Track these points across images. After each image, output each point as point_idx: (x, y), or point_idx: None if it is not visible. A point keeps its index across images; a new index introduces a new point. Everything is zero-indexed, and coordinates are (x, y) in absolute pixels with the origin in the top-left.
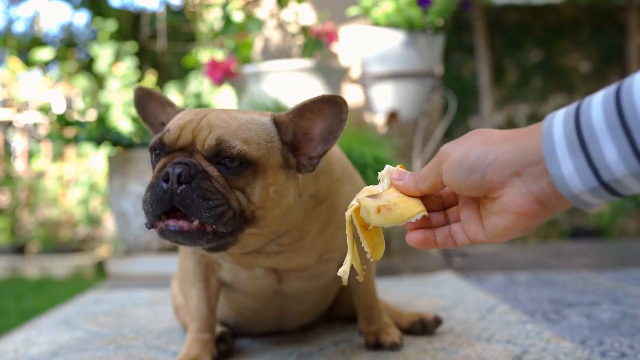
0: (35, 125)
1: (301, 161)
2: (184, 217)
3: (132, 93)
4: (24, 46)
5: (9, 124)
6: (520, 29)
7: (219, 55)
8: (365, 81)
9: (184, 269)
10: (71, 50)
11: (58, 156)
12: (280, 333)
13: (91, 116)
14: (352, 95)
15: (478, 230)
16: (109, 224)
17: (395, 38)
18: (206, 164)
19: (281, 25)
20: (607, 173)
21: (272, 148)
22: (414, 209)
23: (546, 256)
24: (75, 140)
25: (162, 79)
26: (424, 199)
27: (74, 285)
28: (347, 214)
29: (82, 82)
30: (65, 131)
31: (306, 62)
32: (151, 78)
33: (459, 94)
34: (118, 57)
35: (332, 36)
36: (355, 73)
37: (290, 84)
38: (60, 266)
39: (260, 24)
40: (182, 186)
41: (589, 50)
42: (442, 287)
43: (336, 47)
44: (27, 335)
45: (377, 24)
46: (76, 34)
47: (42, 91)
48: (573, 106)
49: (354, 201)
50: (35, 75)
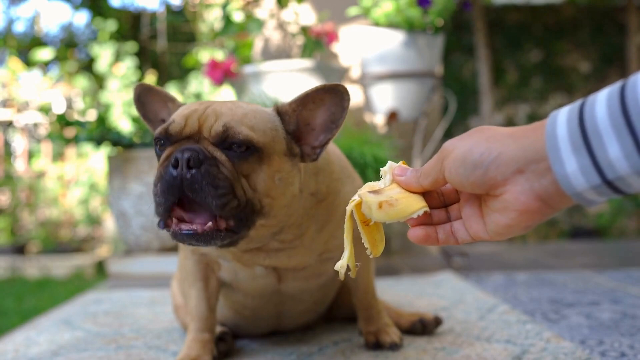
0: (36, 125)
1: (305, 150)
2: (194, 212)
3: (132, 93)
4: (24, 46)
5: (9, 124)
6: (520, 29)
7: (219, 56)
8: (365, 81)
9: (183, 268)
10: (71, 50)
11: (58, 156)
12: (280, 333)
13: (91, 116)
14: (352, 95)
15: (479, 227)
16: (109, 223)
17: (395, 38)
18: (214, 149)
19: (281, 26)
20: (610, 171)
21: (277, 136)
22: (416, 205)
23: (546, 256)
24: (76, 140)
25: (162, 79)
26: (425, 196)
27: (74, 285)
28: (348, 208)
29: (82, 82)
30: (66, 131)
31: (306, 62)
32: (151, 78)
33: (458, 94)
34: (118, 57)
35: (332, 36)
36: (355, 73)
37: (290, 84)
38: (61, 266)
39: (260, 24)
40: (192, 171)
41: (588, 51)
42: (442, 287)
43: (336, 47)
44: (28, 335)
45: (377, 24)
46: (76, 34)
47: (43, 91)
48: (577, 104)
49: (355, 196)
50: (36, 75)
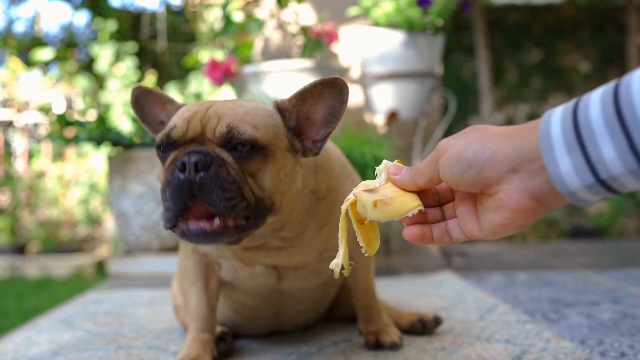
0: (36, 125)
1: (306, 145)
2: (202, 213)
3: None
4: (24, 46)
5: (9, 124)
6: (520, 29)
7: (219, 56)
8: (365, 81)
9: (184, 268)
10: (71, 50)
11: (58, 156)
12: (280, 333)
13: (91, 116)
14: (352, 95)
15: (474, 226)
16: (109, 223)
17: (395, 38)
18: (220, 150)
19: (281, 26)
20: (604, 170)
21: (279, 133)
22: (411, 203)
23: (546, 256)
24: (76, 140)
25: (162, 79)
26: (420, 195)
27: (74, 285)
28: (343, 207)
29: (82, 82)
30: (66, 131)
31: (306, 62)
32: (151, 78)
33: (458, 94)
34: (118, 57)
35: (332, 36)
36: (355, 73)
37: (291, 84)
38: (61, 266)
39: (260, 24)
40: (200, 174)
41: (588, 51)
42: (442, 286)
43: (336, 47)
44: (28, 335)
45: (377, 24)
46: (76, 34)
47: (43, 91)
48: (571, 103)
49: (350, 195)
50: (36, 75)
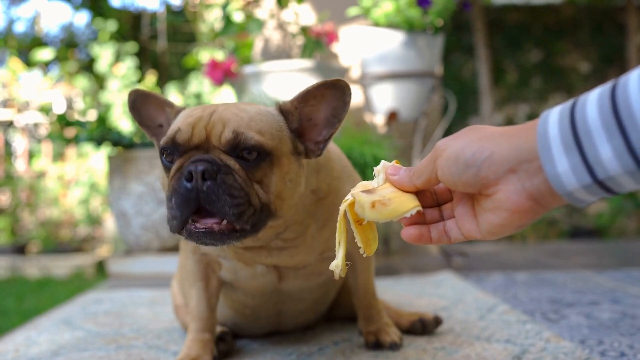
0: (36, 125)
1: (308, 146)
2: (207, 216)
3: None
4: (25, 46)
5: (9, 124)
6: (519, 29)
7: (219, 56)
8: (365, 81)
9: (184, 268)
10: (72, 50)
11: (58, 156)
12: (280, 333)
13: (92, 116)
14: (354, 96)
15: (472, 227)
16: (110, 223)
17: (395, 38)
18: (226, 158)
19: (281, 26)
20: (601, 171)
21: (283, 137)
22: (409, 204)
23: (546, 256)
24: (76, 141)
25: (163, 79)
26: (418, 195)
27: (74, 285)
28: (341, 208)
29: (82, 82)
30: (66, 131)
31: (306, 63)
32: (151, 78)
33: (458, 94)
34: (118, 57)
35: (332, 36)
36: (355, 73)
37: (291, 84)
38: (61, 266)
39: (260, 24)
40: (208, 182)
41: (588, 51)
42: (442, 286)
43: (336, 48)
44: (28, 334)
45: (377, 24)
46: (77, 34)
47: (43, 91)
48: (568, 104)
49: (348, 196)
50: (36, 75)
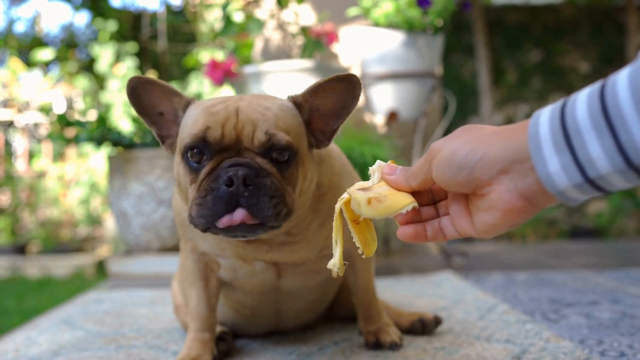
0: (36, 125)
1: (317, 137)
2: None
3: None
4: (25, 46)
5: (10, 124)
6: (519, 29)
7: (220, 56)
8: (365, 81)
9: (184, 268)
10: (72, 50)
11: (59, 156)
12: (280, 333)
13: (92, 116)
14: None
15: (467, 225)
16: (110, 223)
17: (395, 38)
18: (262, 161)
19: (281, 26)
20: (592, 170)
21: (302, 133)
22: (404, 200)
23: (545, 256)
24: (76, 141)
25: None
26: (414, 193)
27: (74, 285)
28: (337, 206)
29: (82, 82)
30: (66, 131)
31: (306, 63)
32: None
33: (458, 94)
34: (118, 57)
35: (332, 36)
36: (355, 73)
37: (291, 85)
38: (61, 266)
39: (260, 24)
40: (249, 188)
41: (588, 51)
42: (442, 286)
43: (336, 48)
44: (28, 334)
45: (377, 24)
46: (77, 35)
47: (43, 91)
48: (559, 103)
49: (344, 194)
50: (36, 75)
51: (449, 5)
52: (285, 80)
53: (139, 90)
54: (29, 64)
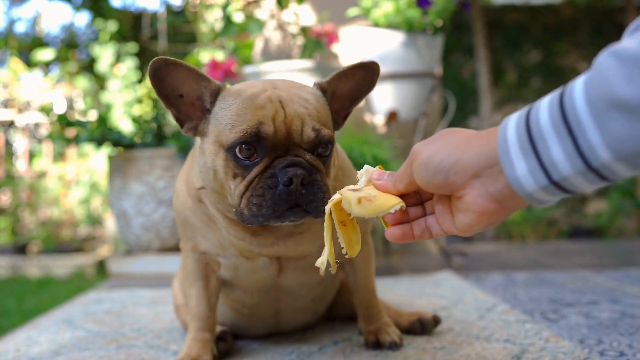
0: (37, 125)
1: (336, 120)
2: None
3: (133, 94)
4: (25, 47)
5: (10, 124)
6: (519, 30)
7: (220, 56)
8: None
9: (184, 268)
10: (72, 50)
11: (59, 156)
12: (280, 334)
13: (92, 116)
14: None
15: (450, 224)
16: (110, 223)
17: (395, 39)
18: (312, 159)
19: (281, 26)
20: (556, 172)
21: (331, 122)
22: (392, 200)
23: (545, 256)
24: (76, 141)
25: None
26: (403, 196)
27: (75, 285)
28: (327, 207)
29: (83, 82)
30: (67, 131)
31: (306, 63)
32: None
33: (458, 94)
34: (119, 57)
35: (332, 37)
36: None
37: None
38: (62, 266)
39: (260, 24)
40: (306, 186)
41: (587, 51)
42: (442, 286)
43: (336, 48)
44: (29, 334)
45: (376, 24)
46: (77, 35)
47: (43, 91)
48: (525, 110)
49: (335, 195)
50: (37, 75)
51: (448, 6)
52: None
53: (162, 71)
54: (29, 64)
